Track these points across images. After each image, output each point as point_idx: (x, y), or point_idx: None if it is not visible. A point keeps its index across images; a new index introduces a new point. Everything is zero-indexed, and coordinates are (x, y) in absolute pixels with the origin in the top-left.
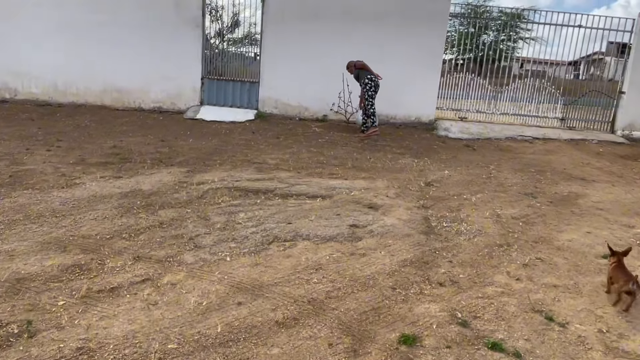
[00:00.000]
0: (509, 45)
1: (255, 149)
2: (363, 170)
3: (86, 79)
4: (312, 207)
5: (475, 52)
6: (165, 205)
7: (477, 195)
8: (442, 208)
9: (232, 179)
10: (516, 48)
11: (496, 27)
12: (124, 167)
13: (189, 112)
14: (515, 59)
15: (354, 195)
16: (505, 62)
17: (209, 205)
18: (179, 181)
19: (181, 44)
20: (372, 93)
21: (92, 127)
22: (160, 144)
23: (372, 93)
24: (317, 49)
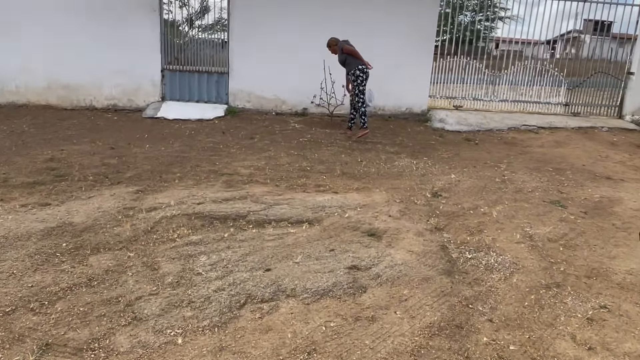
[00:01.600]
0: (487, 25)
1: (225, 154)
2: (355, 178)
3: (26, 74)
4: (297, 239)
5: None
6: (101, 247)
7: (496, 208)
8: (459, 229)
9: (194, 201)
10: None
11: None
12: (56, 188)
13: (149, 110)
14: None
15: (349, 218)
16: (483, 43)
17: (159, 244)
18: (123, 207)
19: (136, 31)
20: (363, 88)
21: (30, 133)
22: (109, 152)
23: (363, 88)
24: (294, 34)
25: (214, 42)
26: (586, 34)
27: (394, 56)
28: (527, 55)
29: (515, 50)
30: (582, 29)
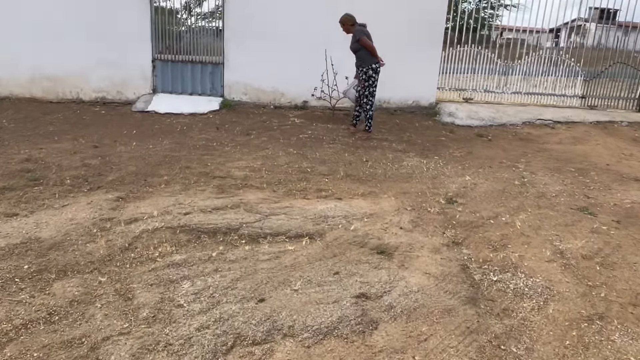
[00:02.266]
0: (491, 13)
1: (219, 153)
2: (360, 181)
3: (8, 64)
4: (296, 258)
5: (455, 21)
6: (69, 270)
7: (519, 216)
8: (480, 243)
9: (180, 211)
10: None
11: None
12: (27, 195)
13: (139, 103)
14: (495, 27)
15: (355, 231)
16: (485, 31)
17: (137, 265)
18: (100, 219)
19: (124, 19)
20: (374, 90)
21: (9, 129)
22: (91, 152)
23: (374, 90)
24: (294, 21)
25: (208, 31)
26: (591, 22)
27: (400, 44)
28: (531, 43)
29: (522, 39)
30: (587, 16)
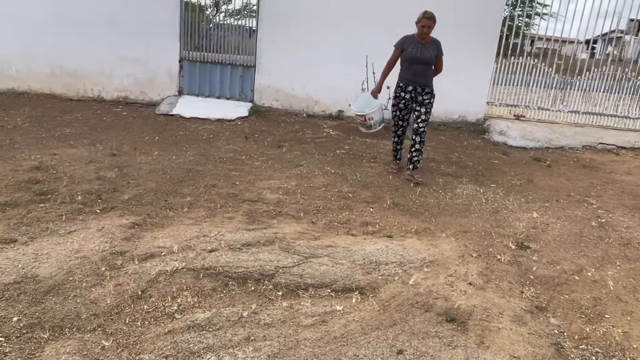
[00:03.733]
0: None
1: (248, 168)
2: (411, 213)
3: (28, 58)
4: (347, 325)
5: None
6: (67, 326)
7: (608, 272)
8: (569, 310)
9: (205, 246)
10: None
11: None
12: (30, 214)
13: (163, 106)
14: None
15: (416, 286)
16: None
17: (150, 325)
18: (110, 252)
19: (152, 15)
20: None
21: (24, 128)
22: (108, 161)
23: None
24: (332, 24)
25: (240, 29)
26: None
27: (446, 53)
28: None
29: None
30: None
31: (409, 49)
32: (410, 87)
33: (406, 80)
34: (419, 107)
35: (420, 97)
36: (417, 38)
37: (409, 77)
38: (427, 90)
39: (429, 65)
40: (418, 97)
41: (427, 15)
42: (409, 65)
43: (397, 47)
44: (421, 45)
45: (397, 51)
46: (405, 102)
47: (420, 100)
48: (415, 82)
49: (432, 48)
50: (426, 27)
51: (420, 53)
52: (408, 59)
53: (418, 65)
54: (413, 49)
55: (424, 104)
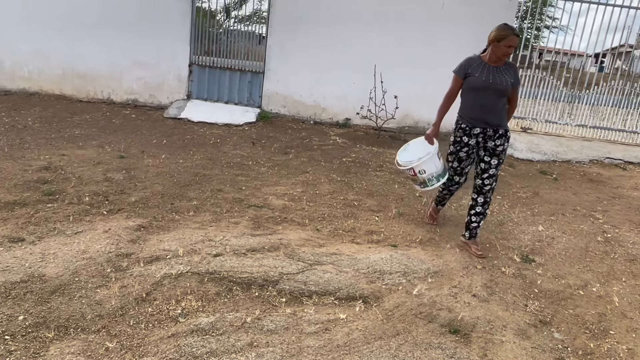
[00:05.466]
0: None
1: (254, 174)
2: (416, 223)
3: (40, 59)
4: (349, 333)
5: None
6: (72, 326)
7: (613, 287)
8: (573, 325)
9: (210, 251)
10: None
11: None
12: (38, 214)
13: (172, 109)
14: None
15: (419, 297)
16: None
17: (154, 327)
18: (116, 254)
19: (163, 19)
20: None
21: (33, 129)
22: (116, 163)
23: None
24: (341, 33)
25: (250, 35)
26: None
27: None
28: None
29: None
30: (635, 43)
31: (475, 74)
32: (478, 129)
33: (471, 119)
34: (488, 157)
35: (492, 142)
36: (486, 61)
37: (475, 114)
38: (500, 132)
39: (503, 97)
40: (488, 142)
41: (516, 31)
42: (476, 97)
43: (459, 72)
44: (492, 69)
45: (458, 78)
46: (469, 150)
47: (491, 147)
48: (485, 122)
49: (508, 73)
50: (512, 48)
51: (492, 80)
52: (475, 89)
53: (489, 98)
54: (482, 74)
55: (496, 153)
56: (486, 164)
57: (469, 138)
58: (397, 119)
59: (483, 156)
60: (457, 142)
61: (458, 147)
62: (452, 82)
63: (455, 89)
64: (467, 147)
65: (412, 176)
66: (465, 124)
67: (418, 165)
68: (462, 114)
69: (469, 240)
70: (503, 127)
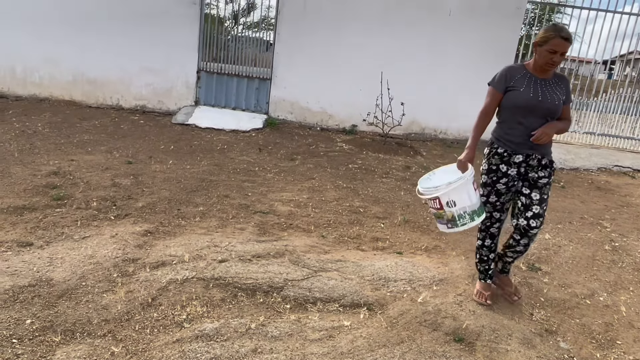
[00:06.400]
0: None
1: (261, 180)
2: (422, 230)
3: (50, 65)
4: (354, 341)
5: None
6: (78, 330)
7: (621, 297)
8: (579, 334)
9: (215, 256)
10: None
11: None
12: (47, 218)
13: (180, 115)
14: None
15: (424, 305)
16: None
17: (159, 332)
18: (123, 259)
19: (172, 26)
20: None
21: (43, 134)
22: (124, 168)
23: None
24: (348, 40)
25: (257, 42)
26: None
27: (462, 72)
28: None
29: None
30: None
31: (519, 88)
32: (520, 157)
33: (512, 143)
34: (531, 191)
35: (535, 172)
36: (531, 71)
37: (518, 137)
38: (544, 162)
39: (552, 117)
40: (530, 172)
41: (564, 33)
42: (518, 117)
43: (496, 85)
44: (540, 83)
45: (495, 93)
46: (508, 182)
47: (534, 179)
48: (529, 148)
49: (559, 88)
50: (559, 55)
51: (542, 97)
52: (517, 107)
53: (535, 119)
54: (528, 89)
55: (538, 186)
56: (527, 198)
57: (508, 166)
58: (404, 126)
59: (521, 188)
60: (492, 171)
61: (494, 177)
62: (488, 96)
63: (492, 106)
64: (505, 177)
65: (437, 209)
66: (503, 149)
67: (446, 194)
68: (500, 136)
69: (502, 275)
70: (548, 156)
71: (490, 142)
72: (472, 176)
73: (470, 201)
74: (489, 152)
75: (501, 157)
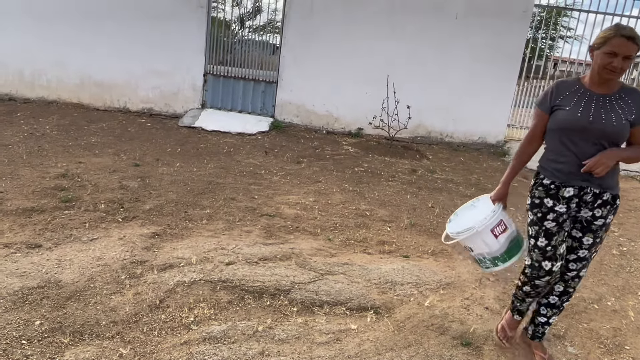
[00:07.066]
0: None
1: (267, 183)
2: (428, 234)
3: (58, 68)
4: (361, 345)
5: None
6: (87, 332)
7: (628, 302)
8: (587, 338)
9: (223, 259)
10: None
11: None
12: (55, 220)
13: (186, 118)
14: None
15: (431, 309)
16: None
17: (167, 335)
18: (131, 261)
19: (179, 29)
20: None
21: (51, 137)
22: (131, 171)
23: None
24: (354, 44)
25: (263, 45)
26: None
27: (468, 74)
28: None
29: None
30: None
31: (566, 106)
32: (570, 190)
33: (560, 172)
34: (579, 232)
35: (588, 210)
36: (587, 85)
37: (565, 166)
38: (605, 197)
39: (613, 144)
40: (582, 210)
41: (627, 31)
42: (567, 141)
43: (542, 105)
44: (596, 99)
45: (542, 114)
46: (559, 219)
47: (586, 219)
48: (582, 179)
49: (625, 105)
50: (620, 58)
51: (593, 117)
52: (562, 129)
53: (587, 144)
54: (577, 107)
55: (592, 229)
56: (575, 241)
57: (555, 201)
58: (410, 129)
59: (571, 230)
60: (536, 206)
61: (539, 213)
62: (534, 119)
63: (538, 131)
64: (553, 213)
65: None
66: (549, 180)
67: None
68: (546, 164)
69: (535, 342)
70: (611, 189)
71: (536, 172)
72: (494, 219)
73: (489, 248)
74: (533, 183)
75: (547, 190)
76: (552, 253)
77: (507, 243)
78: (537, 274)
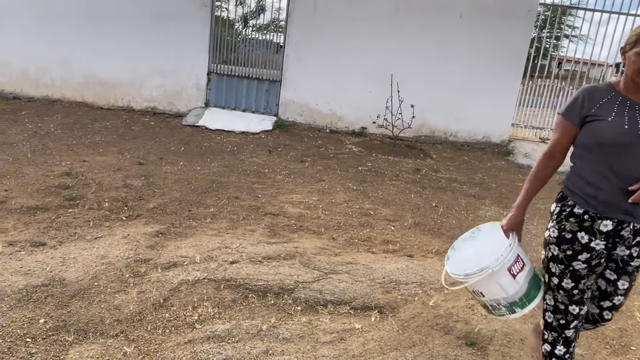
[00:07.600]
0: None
1: (271, 182)
2: (432, 233)
3: (62, 66)
4: (365, 344)
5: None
6: (91, 330)
7: (634, 302)
8: (594, 341)
9: (226, 258)
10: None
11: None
12: (60, 219)
13: (190, 117)
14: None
15: (435, 308)
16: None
17: (170, 333)
18: (135, 259)
19: (183, 28)
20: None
21: (55, 135)
22: (135, 169)
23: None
24: (358, 42)
25: (267, 44)
26: None
27: (472, 73)
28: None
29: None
30: None
31: (606, 116)
32: (609, 224)
33: (595, 200)
34: (614, 274)
35: (626, 249)
36: (623, 91)
37: (604, 193)
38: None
39: None
40: (619, 247)
41: None
42: (605, 160)
43: (569, 115)
44: (638, 108)
45: (568, 125)
46: (592, 259)
47: (623, 259)
48: (624, 210)
49: None
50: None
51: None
52: (604, 146)
53: (634, 164)
54: (620, 117)
55: (628, 270)
56: (610, 284)
57: (591, 236)
58: (414, 128)
59: (604, 270)
60: (565, 241)
61: (570, 251)
62: (557, 132)
63: (562, 145)
64: (586, 253)
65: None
66: (582, 209)
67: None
68: (577, 189)
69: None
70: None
71: (561, 197)
72: (511, 255)
73: (505, 292)
74: (559, 211)
75: (580, 222)
76: (580, 297)
77: (526, 283)
78: (565, 321)
